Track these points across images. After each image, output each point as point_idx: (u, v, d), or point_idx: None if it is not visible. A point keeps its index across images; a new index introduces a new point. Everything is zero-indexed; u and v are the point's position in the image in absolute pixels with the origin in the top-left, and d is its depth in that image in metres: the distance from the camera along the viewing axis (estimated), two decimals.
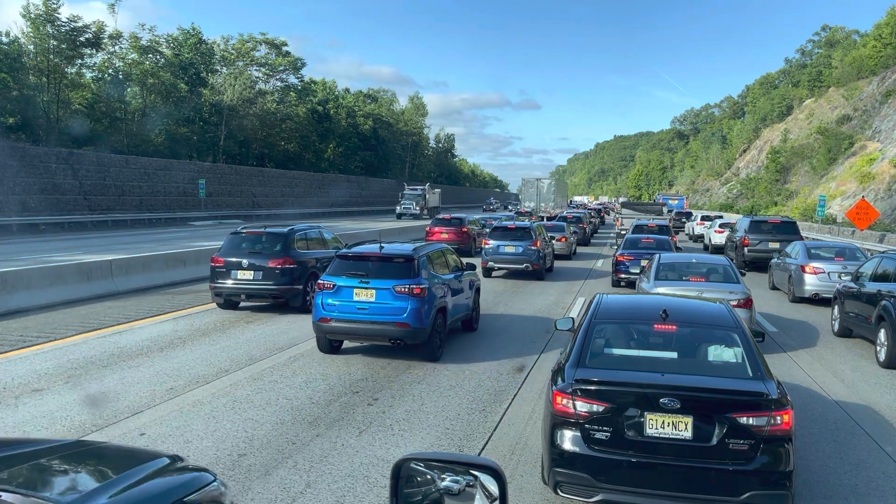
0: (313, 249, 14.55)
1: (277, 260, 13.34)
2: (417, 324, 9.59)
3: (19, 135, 42.07)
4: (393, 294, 9.66)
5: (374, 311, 9.67)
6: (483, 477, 1.83)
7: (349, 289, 9.78)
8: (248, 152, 63.90)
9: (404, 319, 9.57)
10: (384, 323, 9.64)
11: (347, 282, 9.83)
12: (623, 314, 6.18)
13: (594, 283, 19.39)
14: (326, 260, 13.34)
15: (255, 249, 13.74)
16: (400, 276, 9.79)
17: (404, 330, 9.61)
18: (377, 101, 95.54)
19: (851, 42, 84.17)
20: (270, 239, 13.85)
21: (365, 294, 9.76)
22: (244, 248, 13.84)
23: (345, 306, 9.74)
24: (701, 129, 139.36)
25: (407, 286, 9.65)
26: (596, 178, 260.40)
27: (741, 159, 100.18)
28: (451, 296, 10.77)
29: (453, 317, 10.94)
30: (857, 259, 16.41)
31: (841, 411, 8.15)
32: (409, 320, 9.56)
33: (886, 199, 44.12)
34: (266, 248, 13.72)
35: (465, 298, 11.74)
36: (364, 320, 9.69)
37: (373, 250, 10.32)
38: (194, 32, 59.44)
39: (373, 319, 9.67)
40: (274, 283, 13.25)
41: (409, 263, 9.98)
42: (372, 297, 9.72)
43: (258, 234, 14.12)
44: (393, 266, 9.96)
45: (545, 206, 49.77)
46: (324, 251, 14.74)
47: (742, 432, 4.68)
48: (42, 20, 43.87)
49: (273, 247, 13.66)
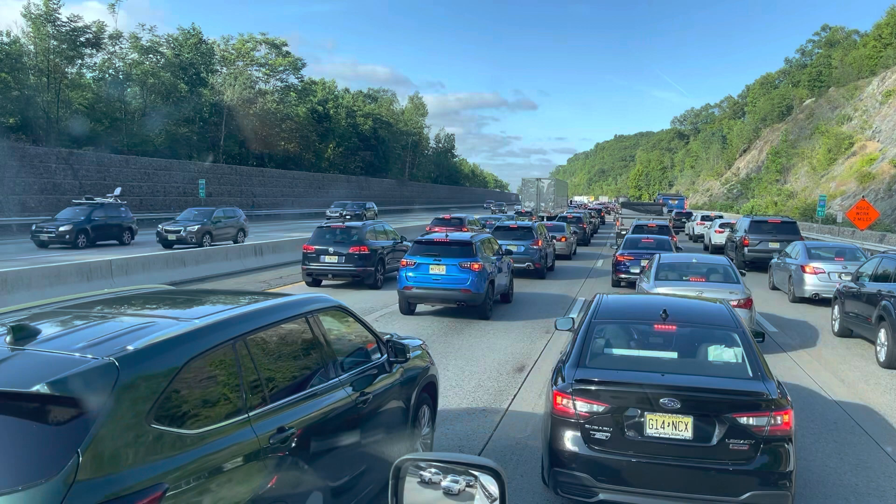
0: (380, 240, 18.12)
1: (356, 247, 16.96)
2: (476, 290, 12.91)
3: (19, 135, 42.05)
4: (459, 268, 12.97)
5: (444, 281, 13.02)
6: (483, 477, 1.82)
7: (426, 265, 13.20)
8: (248, 152, 63.87)
9: (467, 287, 12.87)
10: (452, 289, 12.94)
11: (424, 260, 13.25)
12: (623, 314, 6.18)
13: (594, 282, 19.39)
14: (388, 247, 18.02)
15: (338, 239, 17.30)
16: (463, 255, 13.15)
17: (467, 295, 12.90)
18: (377, 101, 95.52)
19: (851, 42, 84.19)
20: (349, 231, 17.57)
21: (437, 268, 13.13)
22: (328, 238, 17.41)
23: (422, 278, 13.14)
24: (701, 129, 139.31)
25: (469, 262, 12.98)
26: (596, 178, 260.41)
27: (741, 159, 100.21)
28: (496, 272, 13.95)
29: (497, 289, 14.10)
30: (857, 259, 16.40)
31: (841, 411, 8.15)
32: (470, 287, 12.87)
33: (886, 199, 44.13)
34: (346, 237, 17.30)
35: (504, 276, 14.86)
36: (437, 287, 13.05)
37: (441, 237, 14.12)
38: (194, 32, 59.44)
39: (444, 287, 13.01)
40: (353, 265, 16.89)
41: (469, 246, 13.37)
42: (443, 270, 13.08)
43: (340, 227, 17.96)
44: (458, 248, 13.36)
45: (545, 206, 49.75)
46: (385, 241, 18.37)
47: (742, 432, 4.68)
48: (43, 20, 43.88)
49: (352, 237, 17.28)
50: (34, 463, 2.59)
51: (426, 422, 5.87)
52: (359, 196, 74.30)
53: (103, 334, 3.28)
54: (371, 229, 18.15)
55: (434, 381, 6.11)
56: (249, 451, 3.36)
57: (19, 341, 3.04)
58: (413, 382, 5.50)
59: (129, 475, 2.76)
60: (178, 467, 2.95)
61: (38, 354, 3.03)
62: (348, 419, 4.35)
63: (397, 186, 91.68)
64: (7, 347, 3.01)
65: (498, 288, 14.22)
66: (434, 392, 6.13)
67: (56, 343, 3.19)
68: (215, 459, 3.16)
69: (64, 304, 4.06)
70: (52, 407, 2.73)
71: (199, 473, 3.05)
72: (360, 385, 4.63)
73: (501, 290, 14.68)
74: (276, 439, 3.55)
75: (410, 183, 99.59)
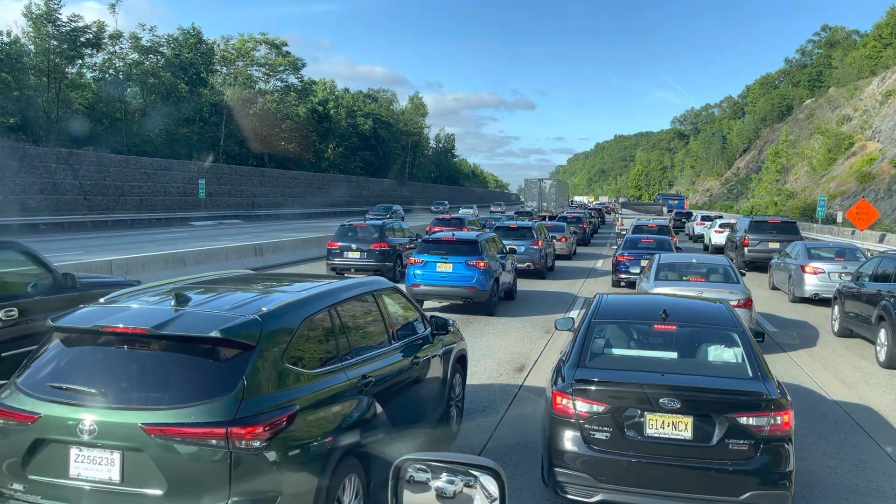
0: (398, 237, 19.52)
1: (377, 244, 18.24)
2: (482, 287, 13.25)
3: (19, 135, 42.06)
4: (465, 266, 13.32)
5: (451, 278, 13.38)
6: (483, 477, 1.82)
7: (433, 263, 13.56)
8: (248, 152, 63.85)
9: (473, 284, 13.22)
10: (459, 286, 13.32)
11: (431, 258, 13.61)
12: (623, 314, 6.17)
13: (594, 282, 19.39)
14: (405, 244, 19.39)
15: (360, 236, 18.56)
16: (469, 253, 13.52)
17: (473, 291, 13.26)
18: (377, 101, 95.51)
19: (851, 42, 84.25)
20: (371, 229, 18.82)
21: (444, 266, 13.49)
22: (350, 235, 18.71)
23: (430, 275, 13.49)
24: (701, 129, 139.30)
25: (475, 261, 13.35)
26: (596, 178, 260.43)
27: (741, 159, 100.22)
28: (501, 270, 14.32)
29: (501, 286, 14.43)
30: (857, 259, 16.40)
31: (841, 411, 8.15)
32: (476, 285, 13.22)
33: (886, 199, 44.13)
34: (368, 235, 18.56)
35: (508, 274, 15.18)
36: (444, 284, 13.44)
37: (448, 236, 14.63)
38: (194, 32, 59.42)
39: (450, 284, 13.38)
40: (374, 260, 18.07)
41: (475, 245, 13.80)
42: (450, 268, 13.44)
43: (361, 226, 19.21)
44: (464, 246, 13.75)
45: (547, 206, 50.08)
46: (402, 238, 19.81)
47: (742, 432, 4.68)
48: (43, 20, 43.88)
49: (373, 235, 18.53)
50: (216, 384, 3.75)
51: (458, 386, 7.01)
52: (359, 196, 74.39)
53: (241, 300, 4.39)
54: (390, 227, 19.39)
55: (464, 354, 7.31)
56: (344, 389, 4.47)
57: (180, 304, 4.10)
58: (448, 354, 6.60)
59: (275, 397, 3.86)
60: (303, 396, 4.04)
61: (199, 313, 4.10)
62: (404, 376, 5.48)
63: (397, 186, 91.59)
64: (171, 309, 4.05)
65: (502, 285, 14.60)
66: (464, 363, 7.33)
67: (208, 306, 4.29)
68: (324, 393, 4.27)
69: (188, 281, 5.24)
70: (223, 347, 3.88)
71: (315, 401, 4.15)
72: (411, 351, 5.71)
73: (506, 288, 15.08)
74: (360, 383, 4.65)
75: (410, 183, 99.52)
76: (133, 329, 3.87)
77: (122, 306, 4.29)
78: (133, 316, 4.07)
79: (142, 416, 3.60)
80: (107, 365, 3.96)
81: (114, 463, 3.64)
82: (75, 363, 4.02)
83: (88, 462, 3.67)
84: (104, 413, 3.66)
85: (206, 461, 3.59)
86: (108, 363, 3.97)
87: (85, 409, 3.68)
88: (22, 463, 3.76)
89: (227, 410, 3.62)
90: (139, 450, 3.60)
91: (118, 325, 3.92)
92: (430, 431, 6.07)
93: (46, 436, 3.72)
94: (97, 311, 4.19)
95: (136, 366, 3.94)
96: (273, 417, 3.73)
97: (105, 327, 3.93)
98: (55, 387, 3.82)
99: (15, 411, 3.78)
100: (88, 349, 4.02)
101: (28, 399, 3.81)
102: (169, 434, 3.56)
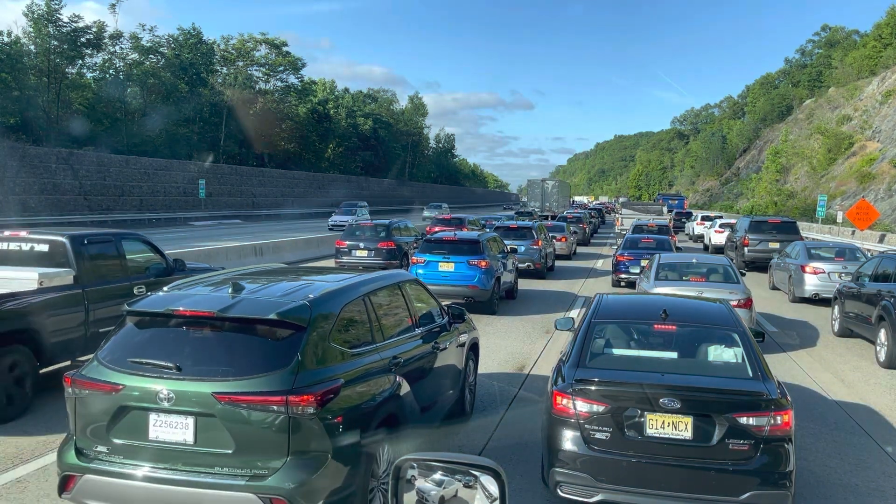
0: (404, 236, 20.35)
1: (383, 243, 19.10)
2: (484, 286, 13.38)
3: (19, 135, 42.05)
4: (467, 266, 13.48)
5: (453, 277, 13.51)
6: (483, 477, 1.82)
7: (435, 262, 13.76)
8: (248, 152, 63.84)
9: (475, 283, 13.35)
10: (461, 285, 13.40)
11: (433, 257, 13.81)
12: (623, 314, 6.17)
13: (594, 282, 19.39)
14: (410, 243, 19.94)
15: (367, 236, 19.41)
16: (471, 253, 13.71)
17: (474, 291, 13.37)
18: (377, 101, 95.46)
19: (851, 42, 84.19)
20: (378, 228, 19.67)
21: (446, 265, 13.68)
22: (358, 234, 19.60)
23: (432, 274, 13.47)
24: (701, 129, 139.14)
25: (477, 260, 13.52)
26: (596, 178, 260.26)
27: (741, 159, 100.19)
28: (502, 269, 14.44)
29: (503, 286, 14.54)
30: (857, 259, 16.39)
31: (841, 411, 8.15)
32: (478, 284, 13.35)
33: (886, 199, 44.12)
34: (375, 234, 19.42)
35: (510, 273, 15.29)
36: (446, 283, 13.40)
37: (450, 236, 14.81)
38: (194, 33, 59.42)
39: (453, 283, 13.45)
40: (381, 258, 18.76)
41: (476, 244, 13.96)
42: (452, 268, 13.61)
43: (369, 225, 20.12)
44: (466, 246, 13.93)
45: (549, 206, 50.76)
46: (408, 237, 20.66)
47: (742, 432, 4.68)
48: (44, 20, 43.88)
49: (380, 234, 19.38)
50: (274, 359, 4.30)
51: (472, 372, 7.58)
52: (359, 196, 74.34)
53: (289, 289, 4.98)
54: (396, 227, 20.30)
55: (477, 342, 7.88)
56: (379, 368, 5.03)
57: (237, 292, 4.64)
58: (464, 341, 7.21)
59: (324, 371, 4.42)
60: (346, 371, 4.59)
61: (255, 299, 4.66)
62: (427, 360, 6.08)
63: (397, 186, 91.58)
64: (230, 296, 4.59)
65: (504, 285, 14.74)
66: (477, 351, 7.90)
67: (261, 293, 4.86)
68: (363, 370, 4.80)
69: (236, 273, 5.96)
70: (279, 328, 4.41)
71: (356, 377, 4.68)
72: (431, 337, 6.28)
73: (507, 287, 15.22)
74: (392, 363, 5.21)
75: (410, 183, 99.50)
76: (201, 312, 4.43)
77: (186, 293, 4.85)
78: (199, 301, 4.62)
79: (213, 386, 4.13)
80: (179, 343, 4.49)
81: (188, 427, 4.17)
82: (151, 341, 4.56)
83: (166, 426, 4.20)
84: (180, 384, 4.16)
85: (268, 425, 4.11)
86: (180, 341, 4.50)
87: (163, 380, 4.19)
88: (107, 428, 4.28)
89: (286, 381, 4.16)
90: (210, 415, 4.12)
91: (189, 308, 4.47)
92: (448, 412, 6.63)
93: (129, 403, 4.24)
94: (167, 298, 4.72)
95: (205, 344, 4.46)
96: (324, 388, 4.27)
97: (176, 311, 4.45)
98: (135, 362, 4.34)
99: (101, 382, 4.31)
100: (162, 330, 4.59)
101: (112, 372, 4.34)
102: (236, 401, 4.09)
